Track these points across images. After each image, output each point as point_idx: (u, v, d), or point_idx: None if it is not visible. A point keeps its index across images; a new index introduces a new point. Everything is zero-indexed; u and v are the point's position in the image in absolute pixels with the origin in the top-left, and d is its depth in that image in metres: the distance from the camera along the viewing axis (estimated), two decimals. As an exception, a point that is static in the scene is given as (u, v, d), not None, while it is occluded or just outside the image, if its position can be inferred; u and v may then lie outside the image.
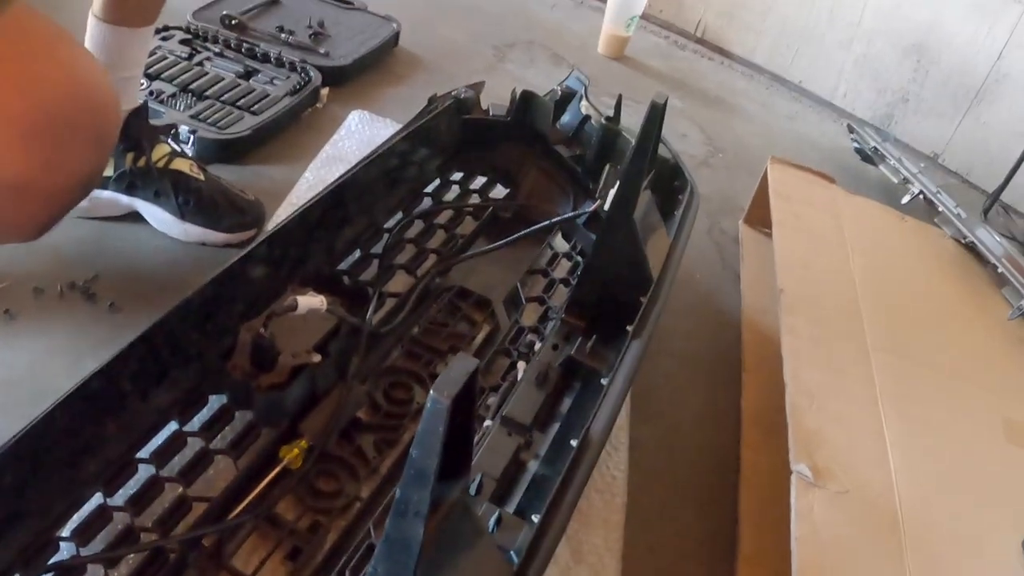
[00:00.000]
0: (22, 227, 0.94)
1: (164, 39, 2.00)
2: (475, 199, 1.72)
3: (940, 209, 2.14)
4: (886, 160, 2.42)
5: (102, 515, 1.01)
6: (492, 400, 1.27)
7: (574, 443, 1.00)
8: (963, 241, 2.04)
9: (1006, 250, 1.94)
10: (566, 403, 1.26)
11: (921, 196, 2.23)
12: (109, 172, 1.48)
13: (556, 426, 1.21)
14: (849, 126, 2.66)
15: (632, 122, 1.47)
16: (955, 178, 2.89)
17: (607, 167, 1.56)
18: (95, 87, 0.93)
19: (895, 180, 2.36)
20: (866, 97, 3.03)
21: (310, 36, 2.20)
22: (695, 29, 3.24)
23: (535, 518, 0.91)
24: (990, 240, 1.98)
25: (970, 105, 2.84)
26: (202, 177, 1.53)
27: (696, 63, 3.10)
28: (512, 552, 0.88)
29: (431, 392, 0.59)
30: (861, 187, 2.45)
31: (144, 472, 1.06)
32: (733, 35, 3.20)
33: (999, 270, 1.91)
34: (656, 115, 1.21)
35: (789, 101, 3.06)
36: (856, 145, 2.56)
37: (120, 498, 1.03)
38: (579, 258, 1.63)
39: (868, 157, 2.51)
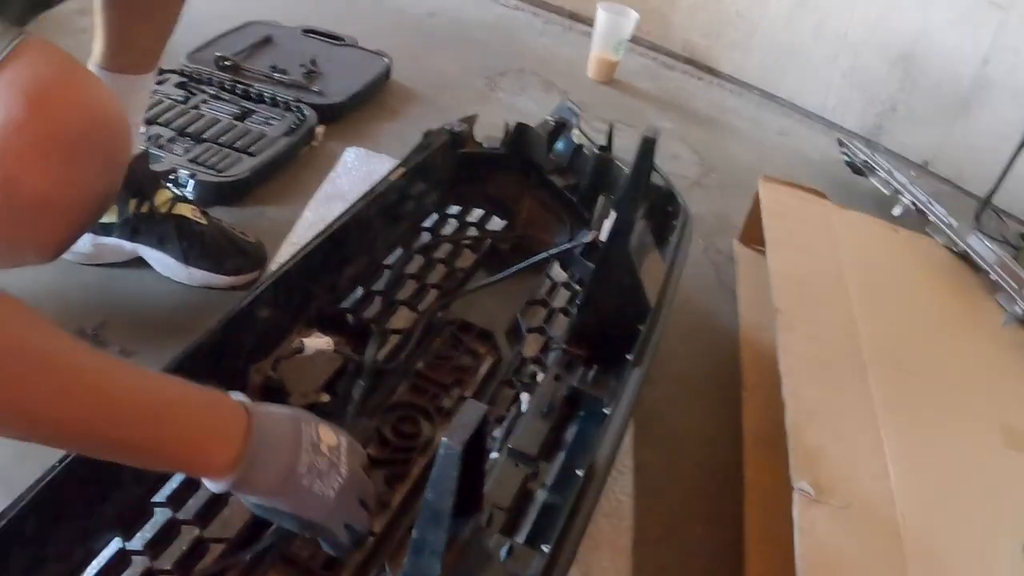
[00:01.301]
0: (41, 246, 0.97)
1: (160, 83, 2.02)
2: (473, 232, 1.75)
3: (931, 219, 2.16)
4: (876, 172, 2.45)
5: (121, 559, 1.03)
6: (498, 432, 1.30)
7: (580, 472, 1.03)
8: (955, 250, 2.06)
9: (998, 256, 1.97)
10: (571, 431, 1.29)
11: (912, 206, 2.26)
12: (113, 218, 1.51)
13: (562, 455, 1.24)
14: (839, 140, 2.69)
15: (625, 145, 1.50)
16: (947, 185, 2.92)
17: (601, 197, 1.59)
18: (107, 109, 0.97)
19: (886, 192, 2.39)
20: (855, 109, 3.08)
21: (303, 74, 2.23)
22: (683, 49, 3.28)
23: (545, 548, 0.94)
24: (982, 247, 2.00)
25: (958, 112, 2.88)
26: (204, 221, 1.56)
27: (686, 83, 3.14)
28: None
29: (443, 439, 0.62)
30: (854, 199, 2.48)
31: (160, 516, 1.08)
32: (721, 54, 3.24)
33: (992, 277, 1.94)
34: (647, 149, 1.24)
35: (779, 117, 3.10)
36: (847, 158, 2.59)
37: (138, 542, 1.05)
38: (577, 287, 1.66)
39: (859, 170, 2.54)
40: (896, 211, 2.29)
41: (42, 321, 0.84)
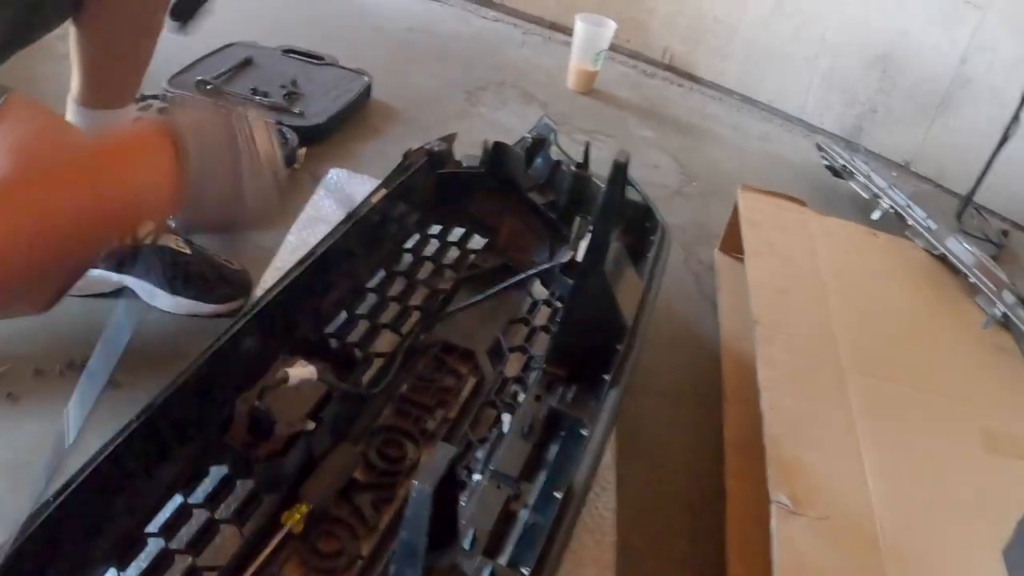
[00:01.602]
0: (32, 302, 1.01)
1: (142, 109, 2.04)
2: (454, 251, 1.77)
3: (910, 222, 2.19)
4: (855, 176, 2.48)
5: (117, 590, 1.06)
6: (480, 454, 1.32)
7: (558, 495, 1.05)
8: (935, 253, 2.09)
9: (977, 259, 2.00)
10: (552, 451, 1.32)
11: (891, 210, 2.29)
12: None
13: (544, 475, 1.27)
14: (818, 144, 2.72)
15: (604, 157, 1.52)
16: (928, 184, 2.95)
17: (577, 218, 1.61)
18: None
19: (865, 196, 2.42)
20: (836, 111, 3.11)
21: (284, 96, 2.25)
22: (663, 56, 3.31)
23: (526, 571, 0.97)
24: (960, 250, 2.03)
25: (937, 112, 2.92)
26: (188, 251, 1.58)
27: (666, 90, 3.17)
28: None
29: (415, 482, 0.65)
30: (834, 202, 2.52)
31: (154, 546, 1.10)
32: (700, 60, 3.27)
33: (970, 279, 1.97)
34: (618, 174, 1.27)
35: (760, 121, 3.13)
36: (826, 163, 2.62)
37: (133, 572, 1.07)
38: (558, 304, 1.69)
39: (839, 174, 2.57)
40: (875, 215, 2.32)
41: None
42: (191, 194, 0.94)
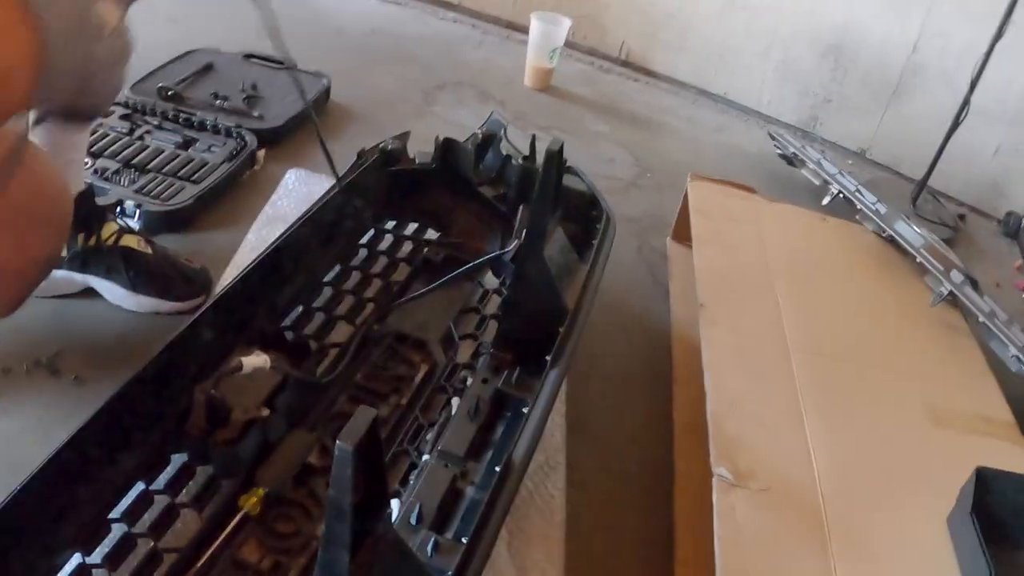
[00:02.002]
0: (1, 305, 1.07)
1: (104, 116, 2.10)
2: (408, 245, 1.82)
3: (859, 207, 2.25)
4: (806, 164, 2.54)
5: (82, 573, 1.10)
6: (430, 436, 1.38)
7: (498, 468, 1.11)
8: (883, 235, 2.15)
9: (926, 240, 2.05)
10: (498, 431, 1.38)
11: (841, 196, 2.35)
12: (63, 252, 1.58)
13: (490, 454, 1.32)
14: (770, 133, 2.78)
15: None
16: (885, 171, 3.04)
17: (522, 207, 1.67)
18: (50, 181, 1.06)
19: (816, 182, 2.48)
20: (790, 102, 3.18)
21: (244, 100, 2.30)
22: (619, 52, 3.38)
23: (464, 539, 1.03)
24: (909, 232, 2.09)
25: (890, 99, 3.00)
26: (150, 251, 1.63)
27: (622, 85, 3.23)
28: (449, 573, 0.99)
29: (337, 441, 0.71)
30: (789, 190, 2.59)
31: (117, 531, 1.15)
32: (656, 55, 3.34)
33: (918, 260, 2.03)
34: (552, 161, 1.33)
35: (716, 113, 3.20)
36: (779, 151, 2.68)
37: (97, 556, 1.12)
38: (507, 293, 1.74)
39: (792, 162, 2.63)
40: (825, 200, 2.38)
41: None
42: (48, 65, 0.99)
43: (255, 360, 1.29)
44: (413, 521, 1.16)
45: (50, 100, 1.07)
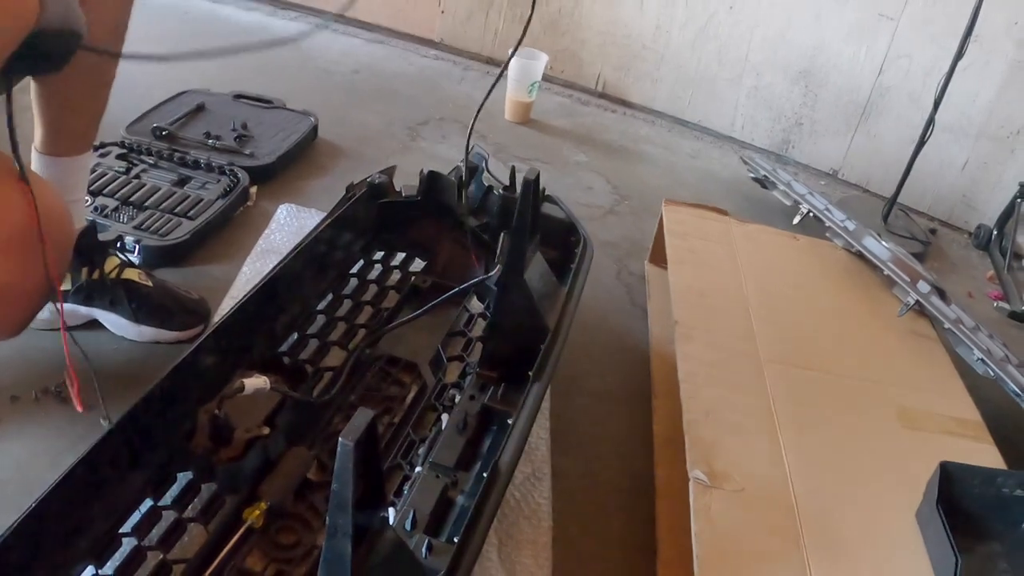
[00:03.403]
0: (4, 326, 1.13)
1: (102, 155, 2.18)
2: (396, 275, 1.90)
3: (828, 224, 2.34)
4: (777, 185, 2.64)
5: (96, 584, 1.18)
6: (422, 450, 1.45)
7: (485, 475, 1.19)
8: (852, 251, 2.24)
9: (893, 253, 2.14)
10: (486, 444, 1.46)
11: (811, 215, 2.44)
12: (67, 286, 1.65)
13: (478, 465, 1.40)
14: (742, 158, 2.87)
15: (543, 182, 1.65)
16: (856, 190, 3.14)
17: (503, 234, 1.74)
18: (52, 205, 1.13)
19: (787, 203, 2.57)
20: (763, 127, 3.28)
21: (235, 139, 2.39)
22: (596, 84, 3.47)
23: (456, 539, 1.10)
24: (876, 247, 2.18)
25: (860, 121, 3.11)
26: (150, 283, 1.71)
27: (600, 116, 3.32)
28: (442, 572, 1.07)
29: (340, 438, 0.79)
30: (763, 212, 2.68)
31: (128, 544, 1.22)
32: (632, 86, 3.43)
33: (886, 272, 2.12)
34: (529, 189, 1.42)
35: (691, 140, 3.29)
36: (752, 175, 2.77)
37: (110, 568, 1.19)
38: (490, 317, 1.81)
39: (764, 184, 2.72)
40: (796, 220, 2.47)
41: None
42: None
43: (256, 382, 1.36)
44: (408, 527, 1.24)
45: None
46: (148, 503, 1.27)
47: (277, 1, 3.53)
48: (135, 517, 1.25)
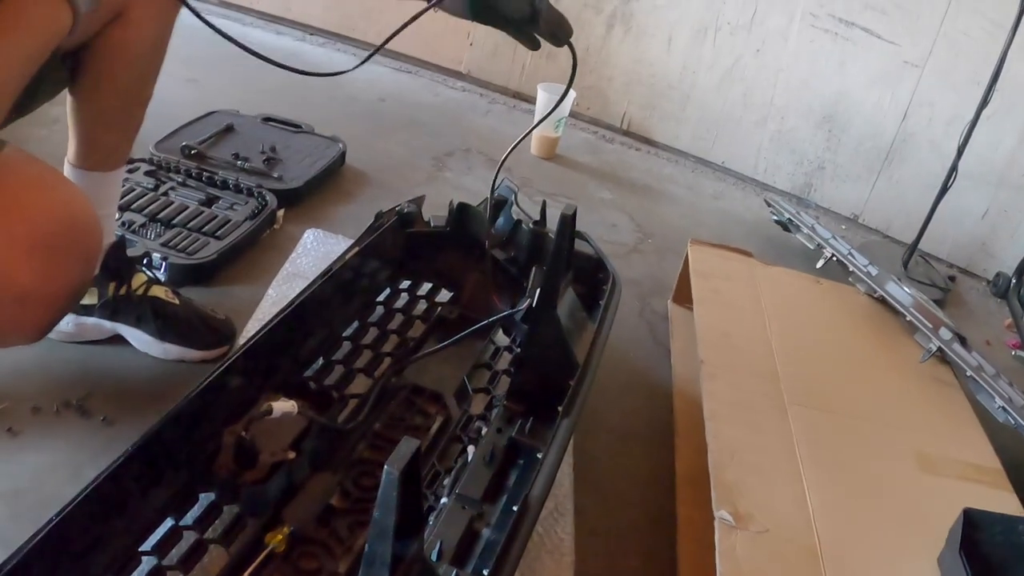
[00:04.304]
0: (27, 330, 1.14)
1: (131, 171, 2.18)
2: (423, 304, 1.90)
3: (851, 269, 2.34)
4: (800, 229, 2.63)
5: (115, 602, 1.16)
6: (447, 481, 1.44)
7: (515, 508, 1.18)
8: (875, 296, 2.23)
9: (915, 299, 2.14)
10: (512, 477, 1.44)
11: (834, 259, 2.43)
12: (94, 300, 1.65)
13: (504, 498, 1.39)
14: (766, 200, 2.87)
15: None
16: (876, 235, 3.14)
17: (534, 268, 1.74)
18: (79, 210, 1.14)
19: (810, 247, 2.56)
20: (785, 170, 3.28)
21: (264, 161, 2.39)
22: (621, 123, 3.47)
23: (486, 572, 1.09)
24: (899, 292, 2.18)
25: (882, 166, 3.11)
26: (177, 301, 1.71)
27: (624, 154, 3.32)
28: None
29: (385, 466, 0.78)
30: (785, 255, 2.67)
31: (147, 564, 1.21)
32: (656, 125, 3.44)
33: (908, 319, 2.11)
34: (566, 225, 1.41)
35: (714, 181, 3.29)
36: (775, 217, 2.76)
37: (130, 586, 1.19)
38: (518, 349, 1.81)
39: (787, 227, 2.72)
40: (819, 264, 2.47)
41: None
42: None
43: (284, 406, 1.35)
44: (434, 557, 1.23)
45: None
46: (169, 522, 1.26)
47: (307, 27, 3.55)
48: (156, 536, 1.24)
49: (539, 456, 1.32)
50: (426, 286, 1.95)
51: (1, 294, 1.04)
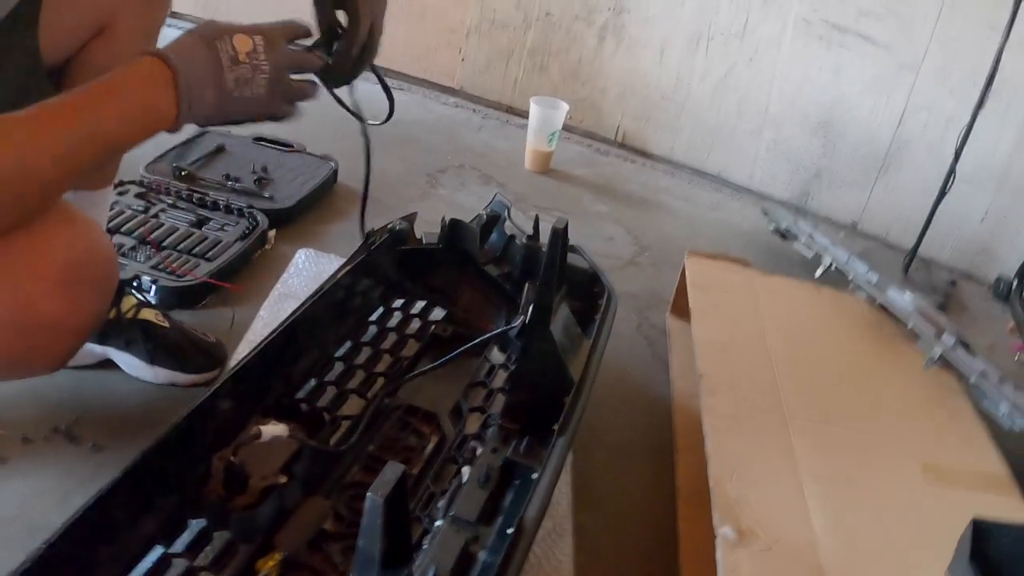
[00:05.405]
0: (53, 359, 1.16)
1: (120, 194, 2.17)
2: (416, 322, 1.87)
3: (851, 277, 2.32)
4: (798, 237, 2.61)
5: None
6: (442, 503, 1.41)
7: (510, 531, 1.16)
8: (876, 303, 2.21)
9: (916, 305, 2.11)
10: (508, 498, 1.42)
11: (833, 267, 2.41)
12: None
13: (500, 520, 1.36)
14: (763, 209, 2.85)
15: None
16: (875, 242, 3.12)
17: (527, 284, 1.72)
18: (97, 241, 1.15)
19: (809, 255, 2.54)
20: (782, 178, 3.26)
21: (255, 181, 2.37)
22: (615, 135, 3.46)
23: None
24: (900, 299, 2.15)
25: (880, 172, 3.10)
26: (167, 324, 1.68)
27: (619, 167, 3.31)
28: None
29: (368, 493, 0.76)
30: (783, 264, 2.65)
31: (138, 596, 1.19)
32: (651, 136, 3.42)
33: (910, 326, 2.09)
34: (557, 239, 1.39)
35: (710, 192, 3.27)
36: (772, 226, 2.75)
37: (118, 619, 1.16)
38: (513, 367, 1.78)
39: (785, 236, 2.70)
40: (818, 272, 2.45)
41: None
42: (188, 101, 1.11)
43: (274, 429, 1.33)
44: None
45: (205, 118, 1.19)
46: (159, 550, 1.23)
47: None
48: (146, 564, 1.22)
49: (534, 476, 1.29)
50: (419, 304, 1.93)
51: (31, 327, 1.07)
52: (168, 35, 1.29)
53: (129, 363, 1.67)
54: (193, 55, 1.13)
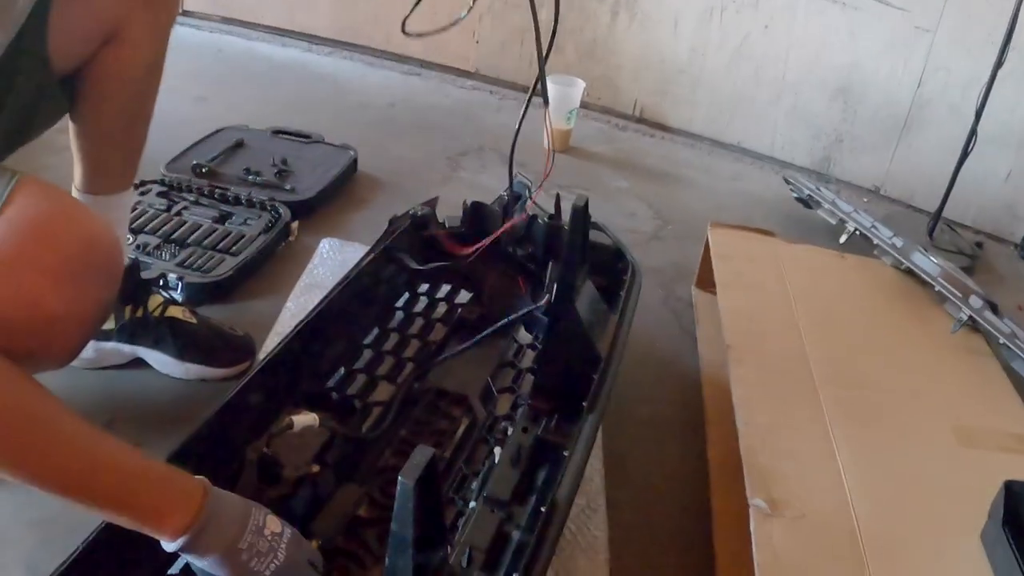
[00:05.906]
0: (59, 354, 1.16)
1: (143, 193, 2.19)
2: (443, 307, 1.88)
3: (876, 242, 2.30)
4: (821, 204, 2.59)
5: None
6: (475, 484, 1.43)
7: (543, 510, 1.16)
8: (901, 268, 2.19)
9: (943, 269, 2.10)
10: (540, 476, 1.42)
11: (857, 233, 2.40)
12: (111, 325, 1.65)
13: (533, 498, 1.37)
14: (785, 177, 2.83)
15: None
16: (899, 206, 3.08)
17: (551, 263, 1.72)
18: (100, 233, 1.14)
19: (832, 222, 2.53)
20: (803, 145, 3.23)
21: (275, 174, 2.38)
22: (633, 110, 3.44)
23: (516, 576, 1.07)
24: (926, 263, 2.13)
25: (900, 135, 3.05)
26: (195, 320, 1.70)
27: (638, 142, 3.29)
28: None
29: (399, 477, 0.76)
30: (807, 232, 2.63)
31: (178, 582, 1.20)
32: (669, 109, 3.40)
33: (937, 289, 2.07)
34: (579, 216, 1.39)
35: (731, 162, 3.25)
36: (795, 194, 2.72)
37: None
38: (541, 347, 1.79)
39: (808, 203, 2.67)
40: (842, 239, 2.43)
41: (38, 386, 1.03)
42: (195, 535, 1.07)
43: (305, 419, 1.34)
44: (464, 564, 1.21)
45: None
46: (198, 545, 1.25)
47: (313, 37, 3.53)
48: (182, 560, 1.23)
49: (566, 454, 1.30)
50: (445, 288, 1.93)
51: (33, 320, 1.05)
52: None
53: (159, 361, 1.69)
54: (229, 502, 1.13)
